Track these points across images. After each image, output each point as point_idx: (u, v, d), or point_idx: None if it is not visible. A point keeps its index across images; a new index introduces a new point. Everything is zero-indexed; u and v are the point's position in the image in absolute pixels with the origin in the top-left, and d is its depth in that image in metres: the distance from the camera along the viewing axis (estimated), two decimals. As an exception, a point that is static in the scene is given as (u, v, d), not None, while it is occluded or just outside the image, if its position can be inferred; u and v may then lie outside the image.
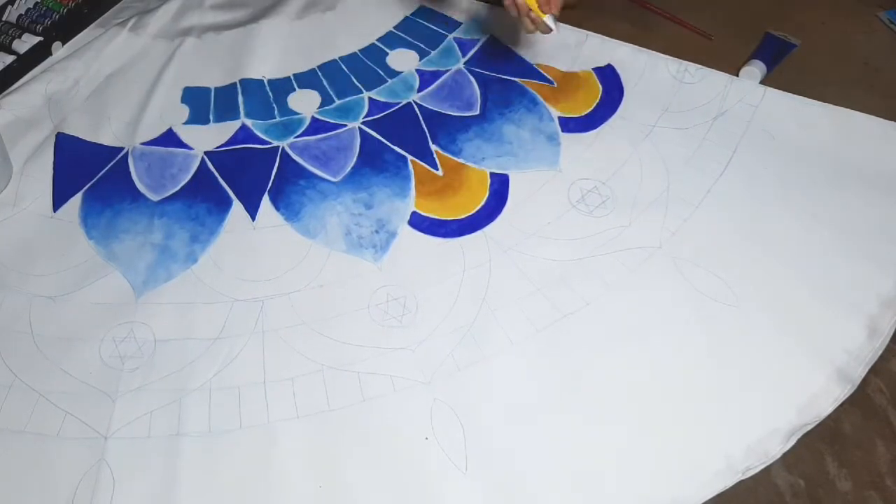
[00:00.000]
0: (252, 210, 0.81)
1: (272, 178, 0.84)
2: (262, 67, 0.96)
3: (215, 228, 0.80)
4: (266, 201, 0.82)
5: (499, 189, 0.83)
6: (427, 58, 0.97)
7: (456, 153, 0.86)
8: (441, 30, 1.00)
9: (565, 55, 0.94)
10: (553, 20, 0.76)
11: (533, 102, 0.91)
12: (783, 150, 0.85)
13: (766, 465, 0.63)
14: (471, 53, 0.97)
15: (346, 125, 0.90)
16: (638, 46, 0.94)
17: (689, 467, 0.63)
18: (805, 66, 0.94)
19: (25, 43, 0.97)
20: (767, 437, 0.64)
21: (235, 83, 0.94)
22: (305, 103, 0.92)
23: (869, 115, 0.86)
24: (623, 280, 0.75)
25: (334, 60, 0.97)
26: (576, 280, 0.75)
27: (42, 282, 0.76)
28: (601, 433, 0.65)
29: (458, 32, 1.00)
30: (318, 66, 0.96)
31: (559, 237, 0.78)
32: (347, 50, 0.98)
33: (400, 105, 0.92)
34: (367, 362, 0.69)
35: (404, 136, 0.88)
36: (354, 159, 0.86)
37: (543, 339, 0.71)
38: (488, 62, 0.95)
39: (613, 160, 0.85)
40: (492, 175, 0.84)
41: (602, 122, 0.88)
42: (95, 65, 0.96)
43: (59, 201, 0.82)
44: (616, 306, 0.73)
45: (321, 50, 0.98)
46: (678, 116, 0.88)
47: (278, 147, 0.87)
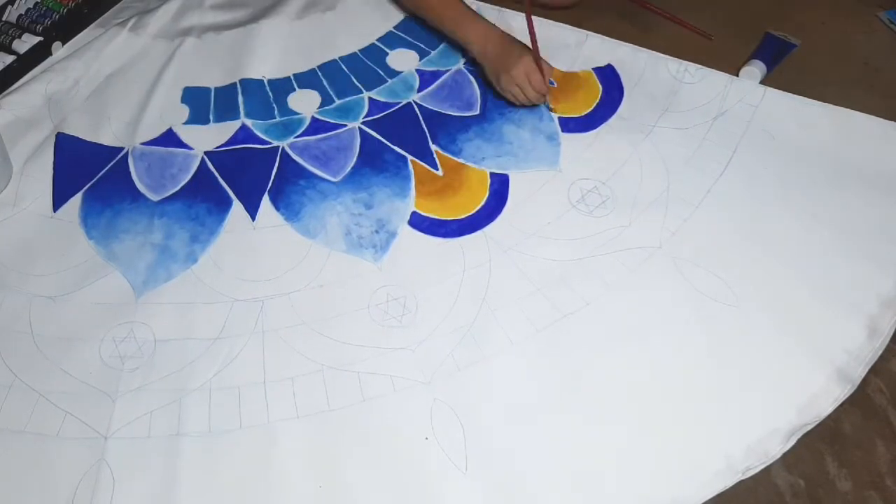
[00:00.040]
0: (252, 210, 0.81)
1: (272, 178, 0.84)
2: (262, 67, 0.96)
3: (215, 228, 0.80)
4: (266, 201, 0.82)
5: (499, 189, 0.83)
6: (427, 58, 0.97)
7: (456, 153, 0.86)
8: (440, 31, 1.00)
9: (565, 55, 0.94)
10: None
11: (533, 102, 0.91)
12: (783, 150, 0.85)
13: (766, 465, 0.63)
14: (471, 53, 0.97)
15: (346, 125, 0.90)
16: (638, 46, 0.94)
17: (689, 467, 0.63)
18: (805, 66, 0.94)
19: (25, 43, 0.97)
20: (767, 437, 0.64)
21: (235, 83, 0.94)
22: (305, 103, 0.92)
23: (869, 115, 0.86)
24: (623, 280, 0.75)
25: (334, 60, 0.97)
26: (576, 280, 0.75)
27: (42, 282, 0.76)
28: (601, 433, 0.65)
29: (458, 32, 1.00)
30: (318, 66, 0.96)
31: (559, 237, 0.78)
32: (347, 50, 0.98)
33: (400, 105, 0.92)
34: (367, 362, 0.70)
35: (404, 136, 0.88)
36: (354, 159, 0.86)
37: (543, 339, 0.71)
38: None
39: (613, 160, 0.85)
40: (492, 175, 0.84)
41: (602, 122, 0.88)
42: (95, 65, 0.96)
43: (59, 201, 0.82)
44: (616, 306, 0.73)
45: (321, 50, 0.98)
46: (678, 116, 0.88)
47: (278, 147, 0.87)
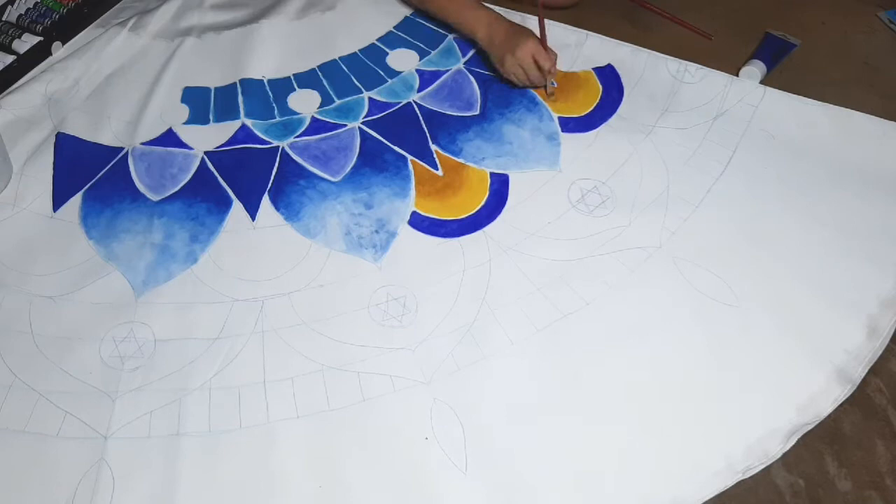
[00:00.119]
0: (252, 210, 0.81)
1: (272, 177, 0.84)
2: (262, 67, 0.96)
3: (215, 228, 0.80)
4: (266, 201, 0.82)
5: (499, 189, 0.83)
6: (427, 58, 0.97)
7: (456, 153, 0.86)
8: (441, 29, 1.00)
9: (565, 55, 0.94)
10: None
11: (533, 102, 0.91)
12: (783, 149, 0.85)
13: (766, 465, 0.63)
14: (471, 53, 0.97)
15: (346, 125, 0.90)
16: (638, 46, 0.94)
17: (689, 467, 0.63)
18: (805, 66, 0.95)
19: (25, 43, 0.97)
20: (767, 436, 0.64)
21: (235, 83, 0.94)
22: (305, 103, 0.92)
23: (869, 114, 0.86)
24: (623, 280, 0.75)
25: (334, 60, 0.97)
26: (576, 280, 0.75)
27: (42, 281, 0.75)
28: (601, 433, 0.65)
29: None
30: (318, 66, 0.96)
31: (559, 237, 0.78)
32: (347, 50, 0.98)
33: (400, 105, 0.92)
34: (367, 362, 0.69)
35: (404, 136, 0.88)
36: (354, 159, 0.86)
37: (543, 338, 0.71)
38: (489, 62, 0.95)
39: (613, 160, 0.85)
40: (492, 175, 0.84)
41: (602, 122, 0.88)
42: (95, 65, 0.96)
43: (59, 201, 0.82)
44: (616, 306, 0.73)
45: (321, 50, 0.98)
46: (678, 116, 0.88)
47: (278, 147, 0.87)
